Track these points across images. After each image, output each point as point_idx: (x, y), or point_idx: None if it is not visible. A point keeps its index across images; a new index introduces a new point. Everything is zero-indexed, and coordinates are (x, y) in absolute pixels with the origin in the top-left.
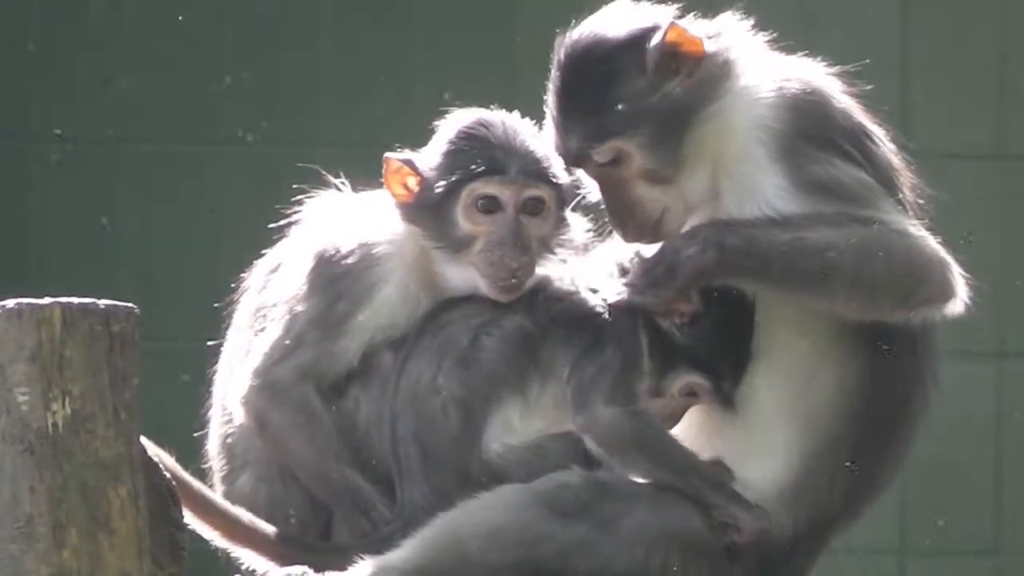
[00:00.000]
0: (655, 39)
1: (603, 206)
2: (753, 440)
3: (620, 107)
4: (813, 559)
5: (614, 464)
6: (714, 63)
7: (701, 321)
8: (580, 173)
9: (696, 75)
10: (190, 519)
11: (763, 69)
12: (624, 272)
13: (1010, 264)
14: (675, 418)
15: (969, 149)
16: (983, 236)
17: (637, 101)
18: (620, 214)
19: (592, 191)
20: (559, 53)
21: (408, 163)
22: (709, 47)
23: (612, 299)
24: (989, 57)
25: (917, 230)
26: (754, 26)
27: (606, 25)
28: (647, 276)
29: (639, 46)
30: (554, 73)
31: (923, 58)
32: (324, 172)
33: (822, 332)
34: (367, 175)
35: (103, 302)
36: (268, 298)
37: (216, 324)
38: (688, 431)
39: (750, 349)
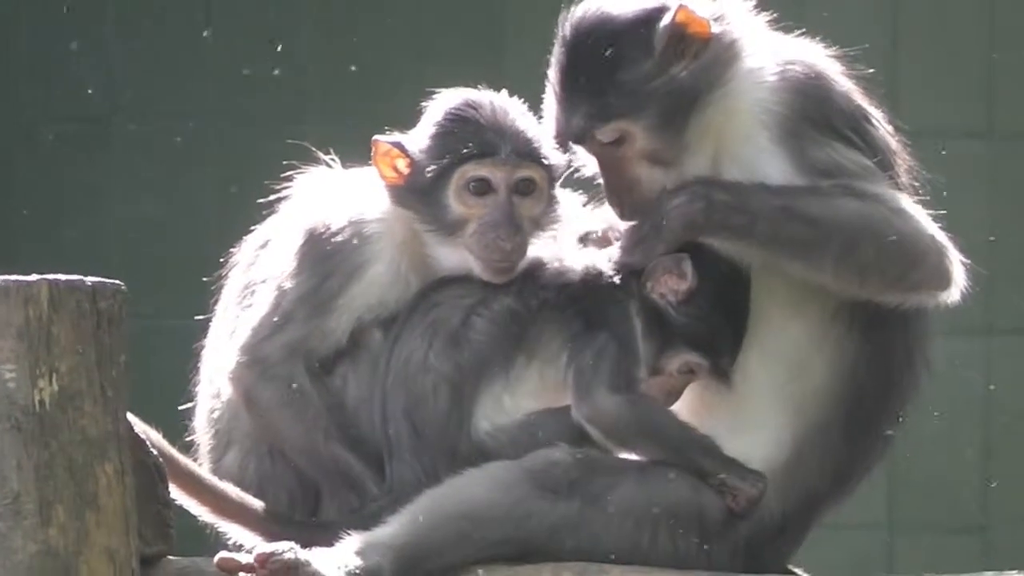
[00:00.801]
0: (664, 20)
1: (600, 183)
2: (746, 422)
3: (627, 88)
4: (803, 536)
5: (617, 449)
6: (720, 45)
7: (696, 300)
8: (579, 149)
9: (702, 57)
10: (177, 495)
11: (766, 51)
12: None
13: (999, 242)
14: (674, 395)
15: (958, 128)
16: (972, 214)
17: (644, 83)
18: (618, 193)
19: (589, 166)
20: (564, 29)
21: (397, 146)
22: (715, 29)
23: (605, 265)
24: (978, 37)
25: (916, 211)
26: (754, 7)
27: (613, 4)
28: (634, 235)
29: (647, 27)
30: (558, 49)
31: (912, 38)
32: (313, 149)
33: (815, 315)
34: (357, 152)
35: (90, 279)
36: (257, 274)
37: (203, 301)
38: (682, 413)
39: (746, 324)
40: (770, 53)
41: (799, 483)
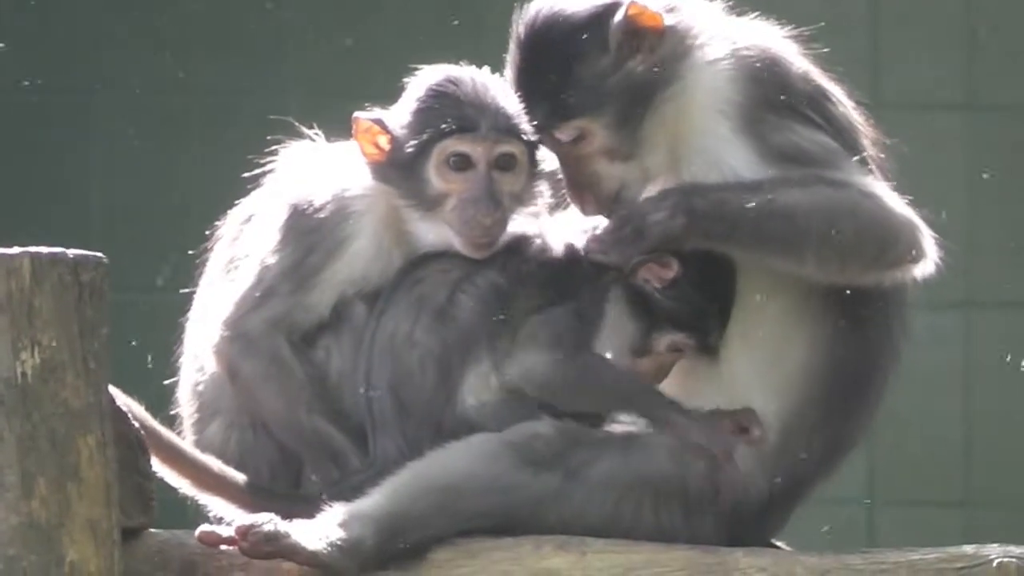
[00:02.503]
0: (617, 16)
1: (561, 178)
2: (730, 401)
3: (584, 86)
4: (789, 513)
5: (563, 405)
6: (674, 37)
7: (681, 282)
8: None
9: (657, 51)
10: (159, 467)
11: (721, 39)
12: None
13: (979, 214)
14: (663, 373)
15: (938, 100)
16: (951, 186)
17: (600, 80)
18: (579, 189)
19: (550, 162)
20: (518, 29)
21: (378, 122)
22: (668, 21)
23: (580, 251)
24: (958, 10)
25: (884, 191)
26: None
27: (566, 1)
28: (614, 235)
29: (601, 23)
30: (513, 49)
31: (893, 9)
32: (296, 123)
33: (792, 295)
34: (340, 125)
35: (72, 252)
36: (241, 248)
37: (188, 274)
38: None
39: (732, 300)
40: (725, 40)
41: (785, 460)
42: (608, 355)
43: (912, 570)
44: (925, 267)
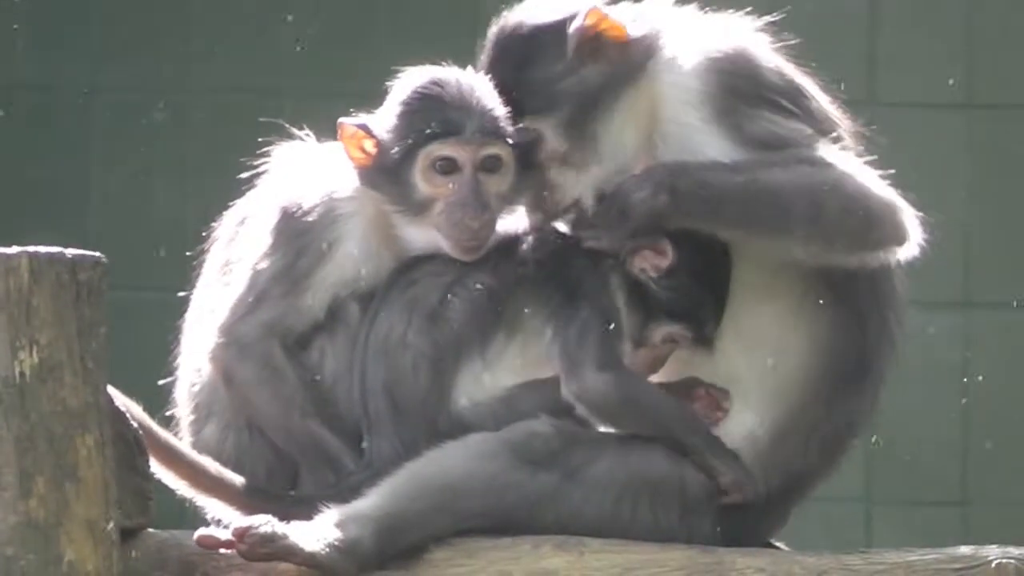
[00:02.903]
0: (575, 22)
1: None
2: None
3: (535, 87)
4: (786, 513)
5: (604, 425)
6: (640, 46)
7: (677, 272)
8: None
9: (621, 58)
10: (157, 468)
11: (688, 37)
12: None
13: (977, 214)
14: (658, 364)
15: (937, 99)
16: (948, 186)
17: (553, 83)
18: (531, 196)
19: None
20: (490, 34)
21: (363, 127)
22: (634, 31)
23: (571, 243)
24: (957, 7)
25: (865, 172)
26: None
27: (537, 8)
28: (600, 219)
29: (563, 29)
30: (483, 53)
31: (892, 9)
32: (287, 125)
33: (787, 294)
34: (331, 127)
35: (70, 251)
36: (236, 251)
37: (185, 275)
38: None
39: (727, 292)
40: (693, 38)
41: (781, 461)
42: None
43: (910, 570)
44: (910, 248)
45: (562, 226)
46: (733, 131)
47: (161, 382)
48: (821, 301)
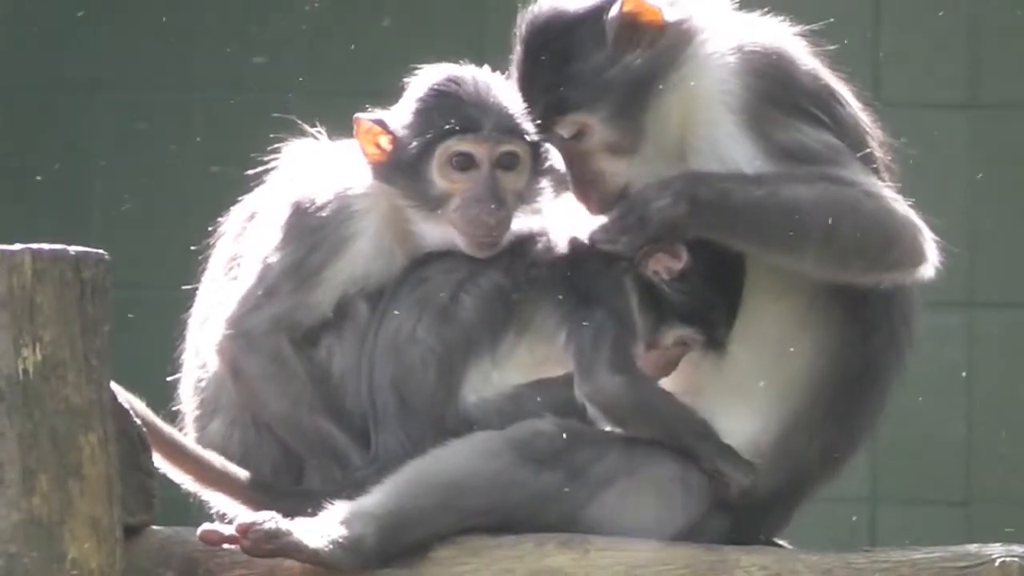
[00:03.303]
0: (613, 11)
1: (568, 178)
2: (733, 402)
3: (581, 80)
4: (790, 515)
5: (615, 427)
6: (676, 31)
7: (690, 276)
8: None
9: (658, 45)
10: (161, 464)
11: (726, 33)
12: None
13: (981, 214)
14: (670, 367)
15: (941, 99)
16: (953, 186)
17: (598, 74)
18: (584, 187)
19: (556, 161)
20: (521, 28)
21: (379, 123)
22: (670, 16)
23: (586, 246)
24: (960, 6)
25: (888, 192)
26: None
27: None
28: (619, 223)
29: (599, 18)
30: (516, 48)
31: (895, 8)
32: (299, 121)
33: (798, 296)
34: (342, 124)
35: (73, 248)
36: (244, 246)
37: (190, 271)
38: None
39: (740, 296)
40: (731, 35)
41: (787, 462)
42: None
43: (914, 569)
44: (926, 271)
45: (576, 228)
46: (763, 140)
47: (166, 379)
48: (831, 306)
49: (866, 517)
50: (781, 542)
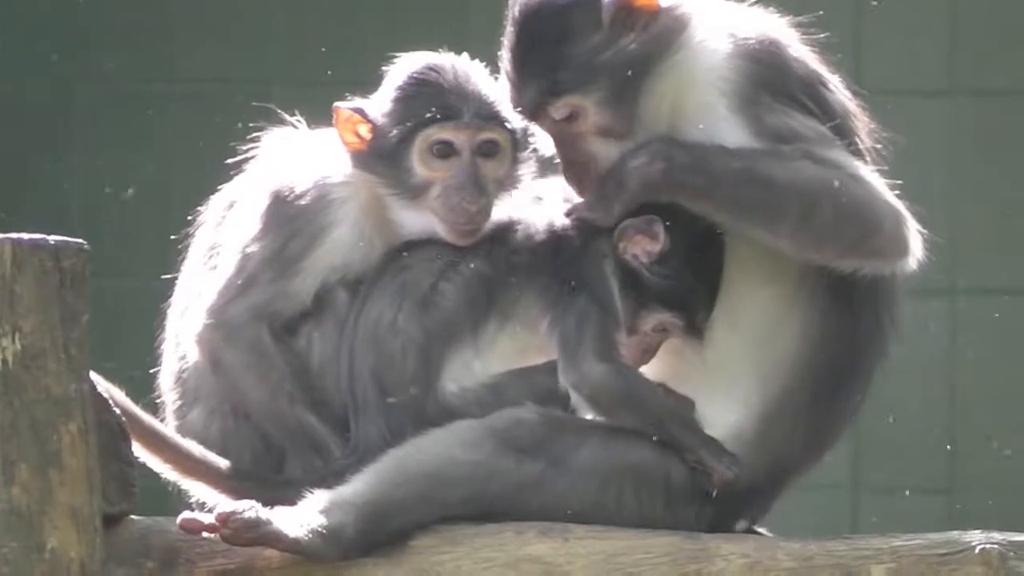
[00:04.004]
0: None
1: (559, 162)
2: (715, 390)
3: (576, 63)
4: (771, 502)
5: (598, 415)
6: (670, 17)
7: (669, 259)
8: (536, 129)
9: (652, 29)
10: (141, 453)
11: (719, 20)
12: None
13: (961, 201)
14: (649, 354)
15: (921, 86)
16: (934, 173)
17: (592, 56)
18: (575, 170)
19: (547, 146)
20: (514, 10)
21: (359, 111)
22: (664, 1)
23: (565, 219)
24: None
25: (873, 179)
26: None
27: None
28: (598, 191)
29: (593, 2)
30: (508, 29)
31: None
32: (279, 111)
33: (782, 282)
34: (322, 113)
35: (53, 238)
36: (223, 235)
37: (167, 262)
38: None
39: (720, 282)
40: (724, 22)
41: (768, 450)
42: None
43: (895, 556)
44: (907, 262)
45: (557, 214)
46: (754, 122)
47: (147, 369)
48: (816, 293)
49: (847, 505)
50: (761, 530)
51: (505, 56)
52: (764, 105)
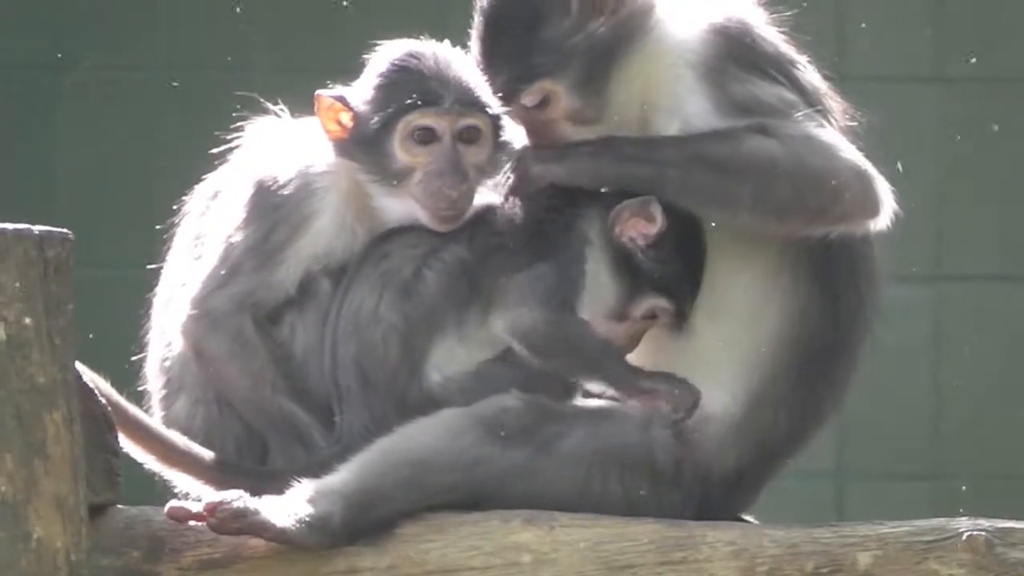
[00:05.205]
0: None
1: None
2: (699, 375)
3: (546, 48)
4: (758, 489)
5: (540, 363)
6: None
7: (663, 243)
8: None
9: (620, 12)
10: (126, 443)
11: (689, 3)
12: None
13: (946, 187)
14: (635, 341)
15: (906, 73)
16: (920, 159)
17: (562, 41)
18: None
19: (517, 139)
20: (482, 0)
21: (340, 99)
22: None
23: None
24: None
25: (836, 143)
26: None
27: None
28: (537, 150)
29: None
30: (477, 19)
31: None
32: (262, 99)
33: (763, 265)
34: (305, 101)
35: (37, 228)
36: (207, 225)
37: (150, 251)
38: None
39: (704, 267)
40: (693, 4)
41: (754, 435)
42: (585, 317)
43: (881, 543)
44: (879, 220)
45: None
46: (718, 92)
47: (131, 358)
48: (796, 274)
49: (833, 492)
50: (748, 518)
51: (475, 45)
52: (730, 75)
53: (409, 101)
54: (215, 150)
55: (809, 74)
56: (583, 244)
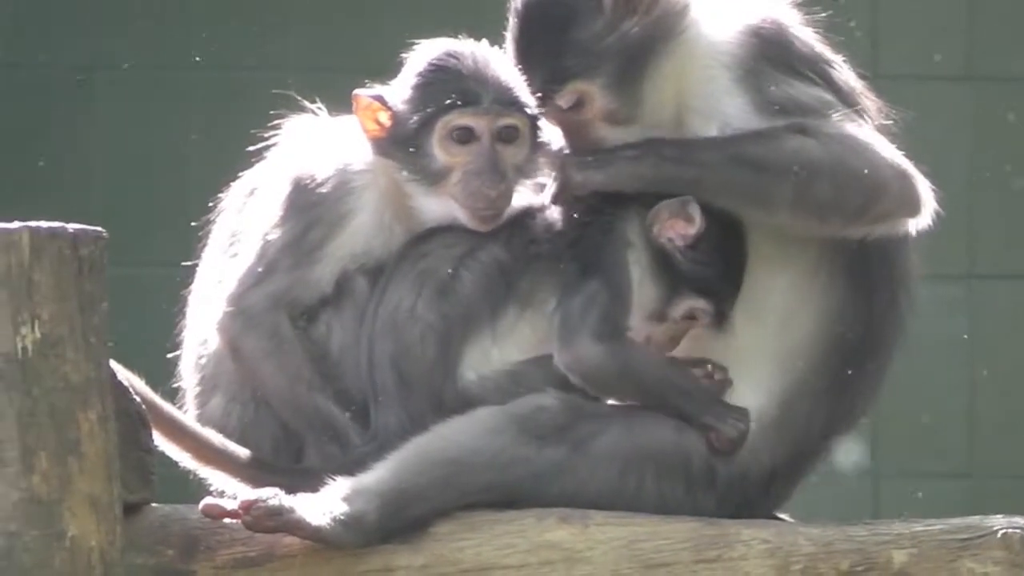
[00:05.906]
0: None
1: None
2: (735, 375)
3: (580, 49)
4: (792, 487)
5: (598, 395)
6: None
7: (702, 244)
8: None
9: (654, 12)
10: (160, 441)
11: (722, 2)
12: None
13: (979, 185)
14: (675, 342)
15: (938, 71)
16: (954, 158)
17: (596, 42)
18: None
19: (554, 140)
20: (517, 1)
21: (379, 99)
22: None
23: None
24: None
25: (876, 141)
26: None
27: None
28: (580, 157)
29: None
30: (512, 21)
31: None
32: (299, 98)
33: (800, 267)
34: (342, 100)
35: (71, 226)
36: (244, 222)
37: (189, 247)
38: None
39: (744, 268)
40: (727, 4)
41: (788, 434)
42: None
43: (916, 541)
44: (921, 218)
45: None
46: (755, 93)
47: (166, 356)
48: (833, 274)
49: (868, 490)
50: (782, 516)
51: (509, 46)
52: (766, 76)
53: (448, 101)
54: (251, 148)
55: (844, 73)
56: (625, 247)
